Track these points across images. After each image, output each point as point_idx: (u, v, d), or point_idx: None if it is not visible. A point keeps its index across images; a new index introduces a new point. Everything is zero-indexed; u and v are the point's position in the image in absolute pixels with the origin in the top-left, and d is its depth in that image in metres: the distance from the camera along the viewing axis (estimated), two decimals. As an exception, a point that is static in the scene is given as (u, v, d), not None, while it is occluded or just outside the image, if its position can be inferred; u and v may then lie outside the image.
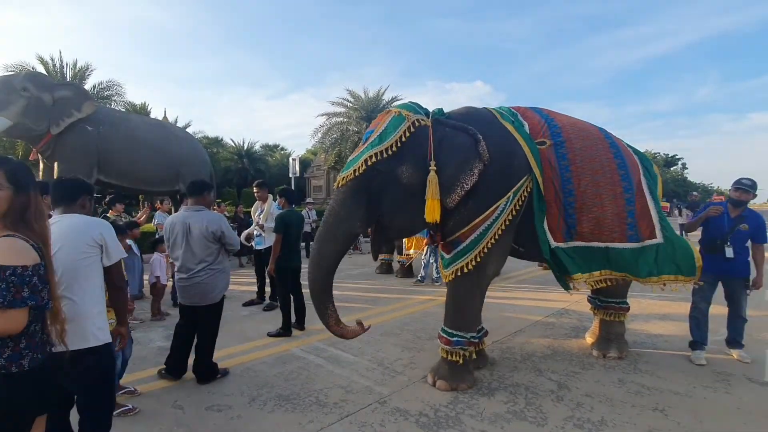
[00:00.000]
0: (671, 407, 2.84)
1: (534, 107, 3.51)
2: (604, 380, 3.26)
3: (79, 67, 14.66)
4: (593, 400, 2.94)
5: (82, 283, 1.91)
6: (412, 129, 2.91)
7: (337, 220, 2.96)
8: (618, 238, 3.24)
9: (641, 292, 6.24)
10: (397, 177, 2.90)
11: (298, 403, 2.90)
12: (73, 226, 1.98)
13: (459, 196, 2.85)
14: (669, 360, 3.68)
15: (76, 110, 9.31)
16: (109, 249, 2.01)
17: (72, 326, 1.83)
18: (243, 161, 28.67)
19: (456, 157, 2.88)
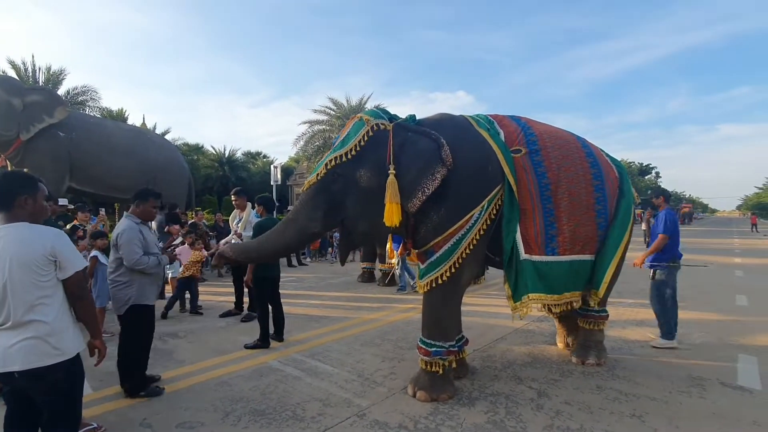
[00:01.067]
0: (648, 413, 2.86)
1: (512, 116, 3.51)
2: (582, 387, 3.27)
3: (52, 72, 14.23)
4: (572, 407, 2.94)
5: (45, 301, 1.83)
6: (371, 133, 2.94)
7: (295, 218, 3.08)
8: (589, 250, 3.27)
9: (617, 298, 6.37)
10: (356, 181, 2.93)
11: (274, 418, 2.81)
12: (18, 242, 1.79)
13: (420, 201, 2.83)
14: (646, 365, 3.72)
15: (48, 115, 9.05)
16: (63, 262, 1.86)
17: (39, 344, 1.80)
18: (224, 168, 28.28)
19: (417, 161, 2.86)
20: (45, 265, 1.83)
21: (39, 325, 1.81)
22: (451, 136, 2.98)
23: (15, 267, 1.77)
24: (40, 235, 1.86)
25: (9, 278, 1.77)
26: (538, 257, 3.08)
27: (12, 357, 1.77)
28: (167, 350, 4.22)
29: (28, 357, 1.78)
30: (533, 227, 3.08)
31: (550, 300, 3.15)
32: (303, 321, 5.25)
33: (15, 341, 1.77)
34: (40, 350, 1.80)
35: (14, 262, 1.77)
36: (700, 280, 8.27)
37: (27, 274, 1.79)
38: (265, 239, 3.19)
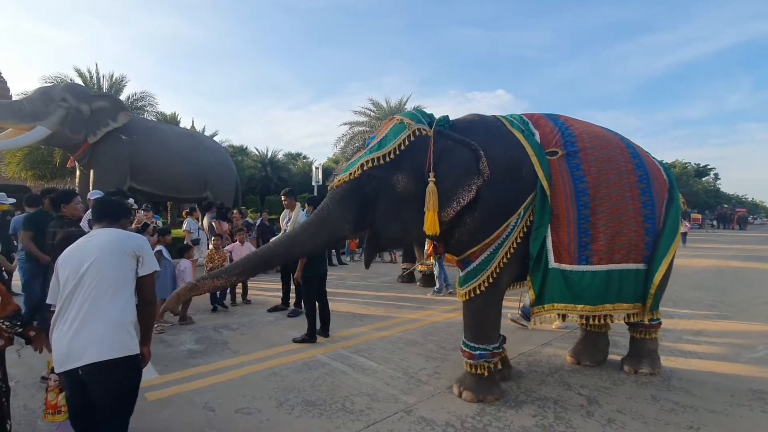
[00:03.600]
0: (706, 425, 2.74)
1: (550, 114, 3.37)
2: (636, 397, 3.17)
3: (114, 79, 15.36)
4: (625, 416, 2.86)
5: (120, 290, 1.97)
6: (412, 138, 2.89)
7: (327, 218, 2.97)
8: (633, 258, 3.05)
9: (672, 308, 6.08)
10: (392, 185, 2.88)
11: (325, 409, 2.93)
12: (112, 237, 2.05)
13: (454, 211, 2.80)
14: (703, 377, 3.55)
15: (112, 120, 9.76)
16: (145, 260, 2.07)
17: (111, 333, 1.90)
18: (266, 169, 29.18)
19: (455, 170, 2.83)
20: (131, 257, 2.02)
21: (113, 312, 1.91)
22: (483, 139, 2.92)
23: (106, 251, 1.98)
24: (130, 235, 2.17)
25: (96, 258, 1.94)
26: (569, 266, 2.93)
27: (81, 350, 1.84)
28: (222, 341, 4.48)
29: (100, 348, 1.85)
30: (566, 235, 2.94)
31: (582, 311, 2.98)
32: (347, 318, 5.40)
33: (86, 332, 1.85)
34: (114, 340, 1.89)
35: (105, 248, 1.99)
36: (762, 290, 7.72)
37: (114, 258, 1.98)
38: (294, 242, 3.03)
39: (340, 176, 2.98)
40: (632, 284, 3.07)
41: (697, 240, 20.86)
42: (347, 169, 2.96)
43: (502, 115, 3.32)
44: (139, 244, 2.09)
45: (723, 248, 16.88)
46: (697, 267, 10.79)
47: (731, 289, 7.82)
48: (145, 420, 2.78)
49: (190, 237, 7.56)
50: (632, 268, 3.06)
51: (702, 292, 7.41)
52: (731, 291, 7.57)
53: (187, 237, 7.54)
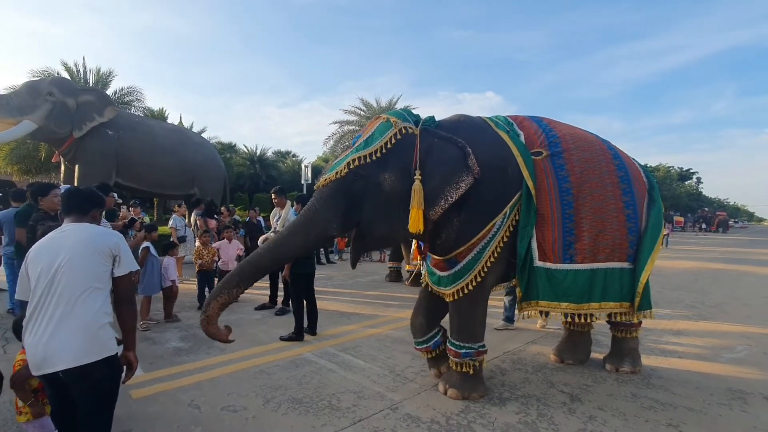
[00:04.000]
0: (685, 423, 2.82)
1: (533, 116, 3.43)
2: (616, 394, 3.24)
3: (101, 73, 15.09)
4: (606, 413, 2.93)
5: (96, 291, 1.87)
6: (398, 136, 2.87)
7: (314, 218, 2.91)
8: (618, 257, 3.12)
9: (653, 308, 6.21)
10: (378, 183, 2.86)
11: (311, 407, 2.94)
12: (86, 234, 1.94)
13: (442, 209, 2.77)
14: (683, 376, 3.65)
15: (98, 115, 9.61)
16: (122, 259, 1.97)
17: (88, 336, 1.81)
18: (255, 167, 28.96)
19: (442, 168, 2.81)
20: (106, 256, 1.92)
21: (89, 314, 1.82)
22: (469, 138, 2.93)
23: (79, 249, 1.86)
24: (106, 232, 2.06)
25: (70, 257, 1.83)
26: (552, 265, 3.00)
27: (57, 354, 1.76)
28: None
29: (78, 352, 1.78)
30: (551, 233, 3.00)
31: (566, 309, 3.03)
32: (335, 317, 5.40)
33: (62, 335, 1.77)
34: (92, 343, 1.81)
35: (79, 246, 1.87)
36: (741, 291, 7.93)
37: (88, 256, 1.87)
38: (282, 245, 2.94)
39: (326, 175, 2.92)
40: (617, 283, 3.13)
41: (680, 242, 21.29)
42: (333, 168, 2.91)
43: (488, 117, 3.36)
44: (116, 242, 1.98)
45: (704, 251, 17.26)
46: (679, 268, 11.03)
47: (711, 290, 8.01)
48: (131, 417, 2.76)
49: (176, 234, 7.49)
50: (617, 267, 3.12)
51: (683, 293, 7.58)
52: (711, 292, 7.76)
53: (173, 234, 7.47)
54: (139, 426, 2.66)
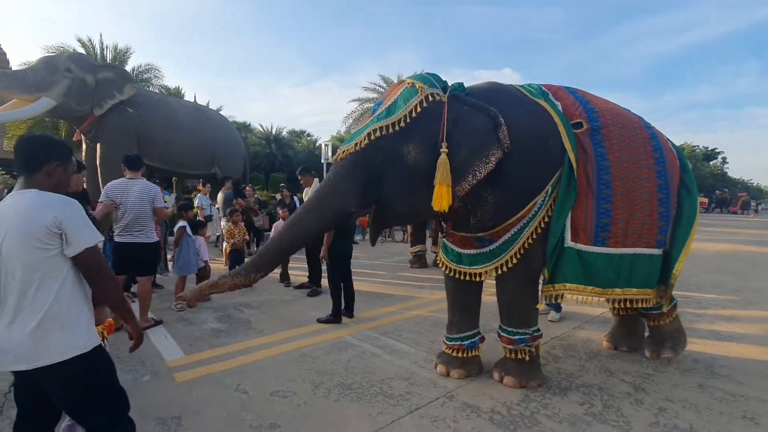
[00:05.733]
0: (762, 416, 2.62)
1: (567, 87, 3.14)
2: (682, 384, 3.05)
3: (119, 50, 14.90)
4: (676, 405, 2.75)
5: (47, 278, 1.54)
6: (424, 104, 2.56)
7: (332, 194, 2.66)
8: (646, 242, 2.90)
9: (697, 292, 5.97)
10: (402, 156, 2.59)
11: (363, 393, 2.82)
12: (20, 211, 1.53)
13: (470, 185, 2.53)
14: (746, 365, 3.43)
15: (118, 92, 9.45)
16: (70, 236, 1.55)
17: (40, 336, 1.52)
18: (271, 146, 28.85)
19: (471, 140, 2.55)
20: (47, 237, 1.52)
21: (41, 314, 1.52)
22: (505, 107, 2.65)
23: (12, 240, 1.52)
24: (44, 203, 1.56)
25: (7, 244, 1.52)
26: (585, 246, 2.77)
27: (16, 354, 1.52)
28: (245, 320, 4.38)
29: (33, 353, 1.52)
30: (584, 213, 2.76)
31: (591, 292, 2.84)
32: (369, 298, 5.28)
33: (18, 335, 1.52)
34: (46, 344, 1.53)
35: (12, 235, 1.52)
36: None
37: (25, 248, 1.51)
38: (300, 225, 2.71)
39: (344, 147, 2.69)
40: (646, 269, 2.94)
41: (706, 224, 20.68)
42: (351, 139, 2.67)
43: (520, 84, 3.07)
44: (55, 215, 1.53)
45: (733, 232, 16.73)
46: (712, 251, 10.66)
47: (751, 274, 7.68)
48: (177, 402, 2.68)
49: (203, 213, 7.41)
50: (646, 253, 2.92)
51: (722, 276, 7.27)
52: (751, 276, 7.44)
53: (200, 213, 7.38)
54: (188, 412, 2.57)
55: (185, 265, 4.56)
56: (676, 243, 3.01)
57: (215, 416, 2.52)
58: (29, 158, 1.63)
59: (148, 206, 4.06)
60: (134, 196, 3.98)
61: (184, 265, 4.55)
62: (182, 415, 2.52)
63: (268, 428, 2.40)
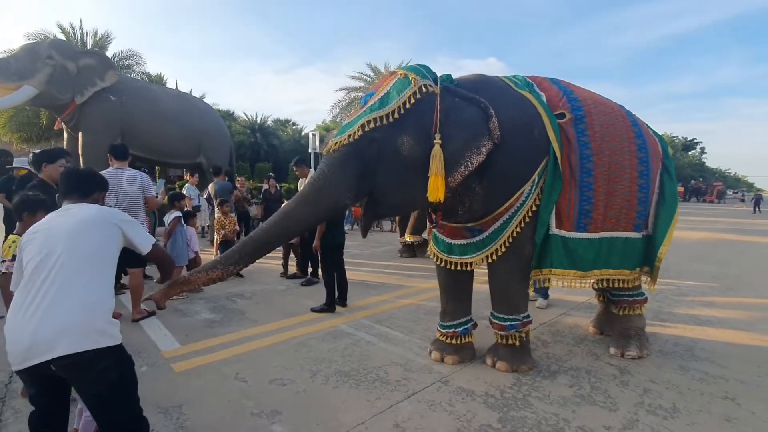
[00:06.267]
0: (741, 396, 2.77)
1: (551, 78, 3.21)
2: (665, 366, 3.20)
3: (99, 36, 14.42)
4: (659, 386, 2.89)
5: (99, 271, 1.72)
6: (418, 95, 2.57)
7: (325, 186, 2.62)
8: (624, 226, 3.05)
9: (676, 279, 6.20)
10: (395, 148, 2.60)
11: (360, 380, 2.88)
12: (93, 210, 1.83)
13: (462, 176, 2.58)
14: (725, 348, 3.60)
15: (100, 79, 9.20)
16: (134, 236, 1.86)
17: (88, 319, 1.61)
18: (256, 135, 28.44)
19: (463, 132, 2.59)
20: (117, 232, 1.81)
21: (91, 295, 1.65)
22: (492, 98, 2.69)
23: (85, 223, 1.74)
24: (112, 210, 1.96)
25: (70, 234, 1.69)
26: (568, 233, 2.89)
27: (49, 341, 1.53)
28: (238, 310, 4.39)
29: (75, 337, 1.56)
30: (567, 201, 2.87)
31: (573, 276, 2.98)
32: (361, 287, 5.34)
33: (56, 318, 1.56)
34: (89, 328, 1.60)
35: (84, 221, 1.75)
36: (759, 262, 7.92)
37: (97, 231, 1.75)
38: (290, 218, 2.63)
39: (337, 138, 2.66)
40: (621, 251, 3.08)
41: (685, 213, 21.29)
42: (344, 130, 2.64)
43: (505, 76, 3.12)
44: (119, 227, 1.83)
45: (711, 221, 17.28)
46: (692, 239, 11.03)
47: (729, 261, 8.00)
48: (177, 391, 2.70)
49: (191, 203, 7.32)
50: (622, 236, 3.06)
51: (702, 264, 7.56)
52: (730, 263, 7.75)
53: (188, 203, 7.30)
54: (189, 400, 2.60)
55: (178, 256, 4.53)
56: (660, 226, 3.15)
57: (217, 404, 2.55)
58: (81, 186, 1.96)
59: (140, 196, 4.02)
60: (125, 186, 3.93)
61: (178, 256, 4.52)
62: (183, 404, 2.54)
63: (270, 415, 2.44)
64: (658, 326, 4.05)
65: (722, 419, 2.49)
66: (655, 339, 3.70)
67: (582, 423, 2.41)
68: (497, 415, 2.47)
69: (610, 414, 2.52)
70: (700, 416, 2.52)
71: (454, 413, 2.49)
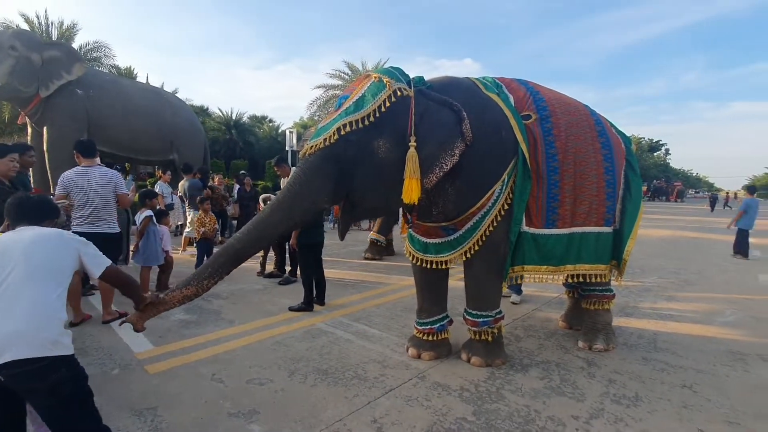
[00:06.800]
0: (698, 384, 2.96)
1: (518, 79, 3.32)
2: (629, 358, 3.37)
3: (65, 27, 13.81)
4: (623, 377, 3.04)
5: (54, 282, 1.72)
6: (392, 98, 2.59)
7: (302, 190, 2.61)
8: (594, 221, 3.18)
9: (641, 276, 6.49)
10: (372, 150, 2.62)
11: (339, 378, 2.92)
12: (51, 231, 1.85)
13: (437, 177, 2.63)
14: (685, 340, 3.82)
15: (66, 72, 8.86)
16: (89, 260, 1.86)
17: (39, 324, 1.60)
18: (231, 132, 27.87)
19: (437, 134, 2.63)
20: (73, 252, 1.83)
21: (44, 300, 1.64)
22: (462, 101, 2.77)
23: (41, 239, 1.77)
24: (73, 235, 1.97)
25: (27, 249, 1.70)
26: (537, 230, 3.02)
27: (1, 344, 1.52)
28: (214, 310, 4.34)
29: (24, 345, 1.54)
30: (536, 199, 2.99)
31: (545, 272, 3.11)
32: (339, 286, 5.36)
33: (7, 326, 1.55)
34: (43, 334, 1.58)
35: (41, 237, 1.78)
36: (717, 258, 8.36)
37: (53, 246, 1.77)
38: (265, 225, 2.60)
39: (312, 142, 2.63)
40: (593, 246, 3.22)
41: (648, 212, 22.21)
42: (319, 134, 2.62)
43: (476, 78, 3.20)
44: (76, 247, 1.85)
45: (672, 219, 18.10)
46: (655, 237, 11.55)
47: (690, 257, 8.42)
48: (152, 393, 2.66)
49: (163, 202, 7.15)
50: (594, 231, 3.20)
51: (664, 260, 7.95)
52: (690, 259, 8.16)
53: (161, 202, 7.12)
54: (164, 402, 2.56)
55: (151, 256, 4.43)
56: (627, 220, 3.33)
57: (193, 405, 2.53)
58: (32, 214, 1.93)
59: (111, 194, 3.90)
60: (96, 185, 3.81)
61: (150, 256, 4.42)
62: (158, 406, 2.51)
63: (248, 415, 2.44)
64: (623, 320, 4.26)
65: (680, 406, 2.65)
66: (620, 332, 3.88)
67: (552, 413, 2.52)
68: (472, 408, 2.55)
69: (577, 404, 2.65)
70: (660, 404, 2.68)
71: (431, 408, 2.56)
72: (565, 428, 2.38)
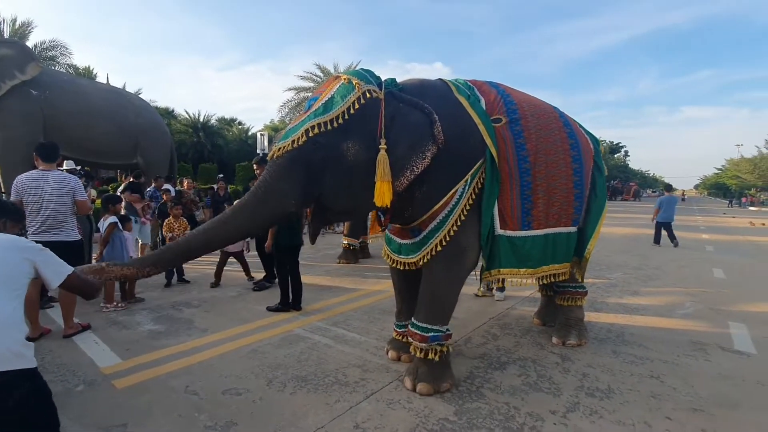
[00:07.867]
0: (664, 374, 3.10)
1: (491, 82, 3.37)
2: (600, 352, 3.49)
3: (18, 24, 13.00)
4: (596, 370, 3.15)
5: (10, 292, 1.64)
6: (362, 101, 2.54)
7: (266, 195, 2.55)
8: (564, 222, 3.24)
9: (607, 273, 6.76)
10: (341, 153, 2.56)
11: (319, 384, 2.87)
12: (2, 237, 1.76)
13: (408, 180, 2.61)
14: (650, 332, 4.00)
15: (20, 72, 8.37)
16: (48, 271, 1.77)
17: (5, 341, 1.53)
18: (199, 135, 27.08)
19: (408, 137, 2.61)
20: (28, 261, 1.74)
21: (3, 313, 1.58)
22: (433, 104, 2.72)
23: None
24: (27, 242, 1.87)
25: None
26: (513, 232, 2.99)
27: None
28: (186, 319, 4.18)
29: None
30: (510, 201, 3.00)
31: (524, 274, 3.12)
32: (315, 290, 5.28)
33: None
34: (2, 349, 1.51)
35: None
36: (676, 255, 8.81)
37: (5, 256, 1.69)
38: (226, 226, 2.53)
39: (280, 144, 2.56)
40: (564, 246, 3.31)
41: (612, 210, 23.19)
42: (287, 136, 2.56)
43: (449, 80, 3.21)
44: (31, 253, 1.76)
45: (633, 218, 18.96)
46: (617, 234, 12.08)
47: (650, 254, 8.84)
48: (121, 409, 2.53)
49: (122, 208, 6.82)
50: (564, 232, 3.29)
51: (627, 257, 8.31)
52: (650, 256, 8.57)
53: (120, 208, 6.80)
54: (134, 418, 2.44)
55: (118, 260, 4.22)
56: (591, 219, 3.44)
57: (166, 420, 2.42)
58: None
59: (68, 200, 3.69)
60: (50, 190, 3.59)
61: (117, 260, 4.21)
62: (128, 422, 2.39)
63: (225, 427, 2.36)
64: (593, 315, 4.41)
65: (649, 396, 2.77)
66: (591, 327, 4.02)
67: (531, 409, 2.58)
68: (453, 408, 2.57)
69: (554, 399, 2.72)
70: (631, 395, 2.79)
71: (413, 410, 2.55)
72: (544, 423, 2.44)
